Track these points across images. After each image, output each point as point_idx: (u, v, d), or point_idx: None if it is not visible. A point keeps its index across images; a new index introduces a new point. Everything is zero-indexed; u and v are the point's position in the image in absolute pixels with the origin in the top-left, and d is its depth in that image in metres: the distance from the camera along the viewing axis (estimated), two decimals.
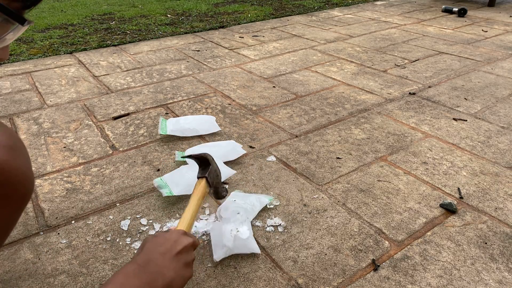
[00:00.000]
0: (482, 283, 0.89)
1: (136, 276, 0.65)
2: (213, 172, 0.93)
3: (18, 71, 2.21)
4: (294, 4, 4.01)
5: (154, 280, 0.66)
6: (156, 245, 0.72)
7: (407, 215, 1.10)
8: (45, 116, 1.69)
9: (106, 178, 1.27)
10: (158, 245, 0.72)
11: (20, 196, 0.56)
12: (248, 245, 0.95)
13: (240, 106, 1.77)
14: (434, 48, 2.57)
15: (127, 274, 0.65)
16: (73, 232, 1.05)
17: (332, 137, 1.51)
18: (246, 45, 2.67)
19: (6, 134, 0.56)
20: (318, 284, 0.89)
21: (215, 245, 0.96)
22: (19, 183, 0.55)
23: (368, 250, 0.98)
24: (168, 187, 1.15)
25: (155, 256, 0.69)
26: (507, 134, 1.52)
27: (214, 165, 0.94)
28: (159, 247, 0.71)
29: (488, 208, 1.13)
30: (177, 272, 0.70)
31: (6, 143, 0.54)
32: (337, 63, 2.31)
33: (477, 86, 1.97)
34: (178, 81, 2.07)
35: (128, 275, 0.65)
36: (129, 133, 1.55)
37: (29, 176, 0.57)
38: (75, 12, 3.74)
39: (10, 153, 0.54)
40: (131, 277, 0.65)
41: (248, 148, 1.44)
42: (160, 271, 0.68)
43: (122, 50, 2.58)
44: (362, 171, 1.30)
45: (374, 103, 1.79)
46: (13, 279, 0.91)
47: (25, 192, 0.57)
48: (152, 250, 0.71)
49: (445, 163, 1.34)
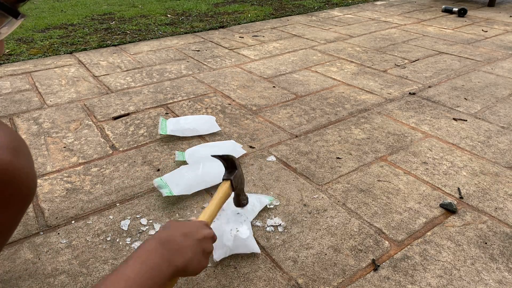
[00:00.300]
0: (482, 283, 0.89)
1: (157, 252, 0.66)
2: (238, 177, 0.95)
3: (18, 71, 2.21)
4: (294, 4, 4.01)
5: (174, 258, 0.68)
6: (179, 226, 0.73)
7: (407, 215, 1.10)
8: (45, 116, 1.69)
9: (106, 178, 1.27)
10: (181, 226, 0.73)
11: (23, 196, 0.56)
12: (248, 245, 0.95)
13: (240, 106, 1.77)
14: (434, 48, 2.57)
15: (149, 250, 0.66)
16: (73, 232, 1.05)
17: (332, 137, 1.51)
18: (246, 45, 2.67)
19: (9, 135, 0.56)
20: (318, 284, 0.89)
21: (215, 244, 0.95)
22: (22, 183, 0.55)
23: (368, 250, 0.98)
24: (168, 187, 1.15)
25: (177, 235, 0.71)
26: (507, 134, 1.52)
27: (240, 170, 0.96)
28: (182, 228, 0.73)
29: (488, 208, 1.13)
30: (195, 256, 0.71)
31: (10, 144, 0.55)
32: (337, 63, 2.31)
33: (477, 86, 1.97)
34: (178, 81, 2.07)
35: (150, 251, 0.66)
36: (129, 133, 1.55)
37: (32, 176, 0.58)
38: (75, 12, 3.74)
39: (14, 154, 0.54)
40: (152, 253, 0.66)
41: (248, 148, 1.44)
42: (180, 250, 0.69)
43: (122, 50, 2.58)
44: (362, 171, 1.30)
45: (374, 103, 1.79)
46: (13, 279, 0.91)
47: (28, 193, 0.57)
48: (174, 229, 0.72)
49: (445, 163, 1.34)
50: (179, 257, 0.68)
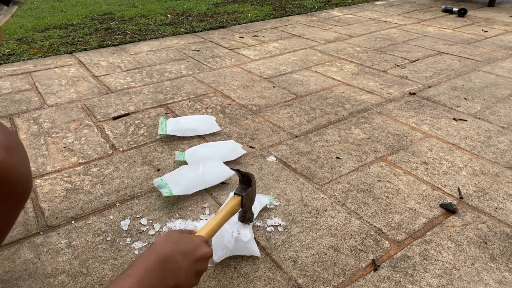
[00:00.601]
0: (482, 283, 0.89)
1: (155, 271, 0.67)
2: (251, 195, 0.96)
3: (18, 71, 2.21)
4: (294, 4, 4.01)
5: (167, 278, 0.68)
6: (180, 242, 0.73)
7: (407, 215, 1.10)
8: (45, 116, 1.69)
9: (106, 178, 1.27)
10: (182, 243, 0.73)
11: (17, 195, 0.56)
12: (248, 248, 0.95)
13: (240, 106, 1.77)
14: (434, 48, 2.57)
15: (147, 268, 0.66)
16: (73, 232, 1.05)
17: (332, 137, 1.51)
18: (246, 45, 2.67)
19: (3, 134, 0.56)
20: (318, 284, 0.89)
21: (215, 246, 0.95)
22: (17, 182, 0.55)
23: (368, 250, 0.98)
24: (168, 187, 1.15)
25: (176, 254, 0.70)
26: (507, 134, 1.52)
27: (253, 188, 0.96)
28: (183, 246, 0.72)
29: (488, 208, 1.13)
30: (187, 278, 0.71)
31: (3, 143, 0.54)
32: (337, 63, 2.31)
33: (477, 86, 1.97)
34: (178, 81, 2.07)
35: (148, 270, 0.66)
36: (129, 133, 1.55)
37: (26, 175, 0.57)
38: (75, 12, 3.74)
39: (8, 153, 0.54)
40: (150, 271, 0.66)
41: (248, 148, 1.44)
42: (175, 272, 0.69)
43: (122, 50, 2.58)
44: (362, 171, 1.30)
45: (374, 103, 1.79)
46: (13, 279, 0.91)
47: (22, 192, 0.57)
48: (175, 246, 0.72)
49: (445, 163, 1.34)
50: (174, 279, 0.68)
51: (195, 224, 1.06)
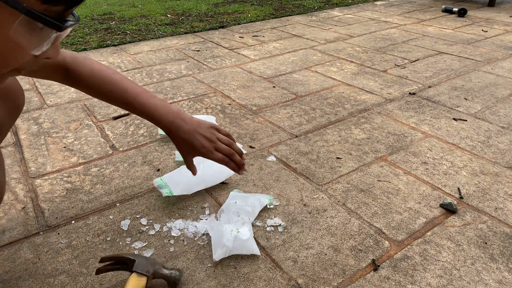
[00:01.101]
0: (482, 283, 0.89)
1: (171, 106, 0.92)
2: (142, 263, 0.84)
3: None
4: (294, 4, 4.01)
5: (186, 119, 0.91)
6: None
7: (407, 215, 1.10)
8: (45, 116, 1.69)
9: (106, 178, 1.27)
10: None
11: None
12: (248, 246, 0.95)
13: (240, 106, 1.77)
14: (434, 48, 2.57)
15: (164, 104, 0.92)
16: (73, 232, 1.05)
17: (332, 137, 1.51)
18: (246, 45, 2.67)
19: None
20: (318, 284, 0.89)
21: (215, 244, 0.95)
22: None
23: (368, 250, 0.98)
24: (168, 187, 1.15)
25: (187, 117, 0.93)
26: (507, 134, 1.52)
27: (139, 258, 0.85)
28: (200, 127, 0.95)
29: (488, 208, 1.13)
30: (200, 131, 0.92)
31: None
32: (337, 63, 2.31)
33: (477, 86, 1.97)
34: (178, 81, 2.07)
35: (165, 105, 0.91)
36: (129, 133, 1.55)
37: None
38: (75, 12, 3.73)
39: None
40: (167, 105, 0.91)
41: (248, 148, 1.44)
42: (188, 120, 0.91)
43: (122, 50, 2.58)
44: (362, 171, 1.30)
45: (374, 103, 1.79)
46: (13, 279, 0.91)
47: None
48: None
49: (445, 163, 1.34)
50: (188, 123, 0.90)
51: (195, 224, 1.06)
